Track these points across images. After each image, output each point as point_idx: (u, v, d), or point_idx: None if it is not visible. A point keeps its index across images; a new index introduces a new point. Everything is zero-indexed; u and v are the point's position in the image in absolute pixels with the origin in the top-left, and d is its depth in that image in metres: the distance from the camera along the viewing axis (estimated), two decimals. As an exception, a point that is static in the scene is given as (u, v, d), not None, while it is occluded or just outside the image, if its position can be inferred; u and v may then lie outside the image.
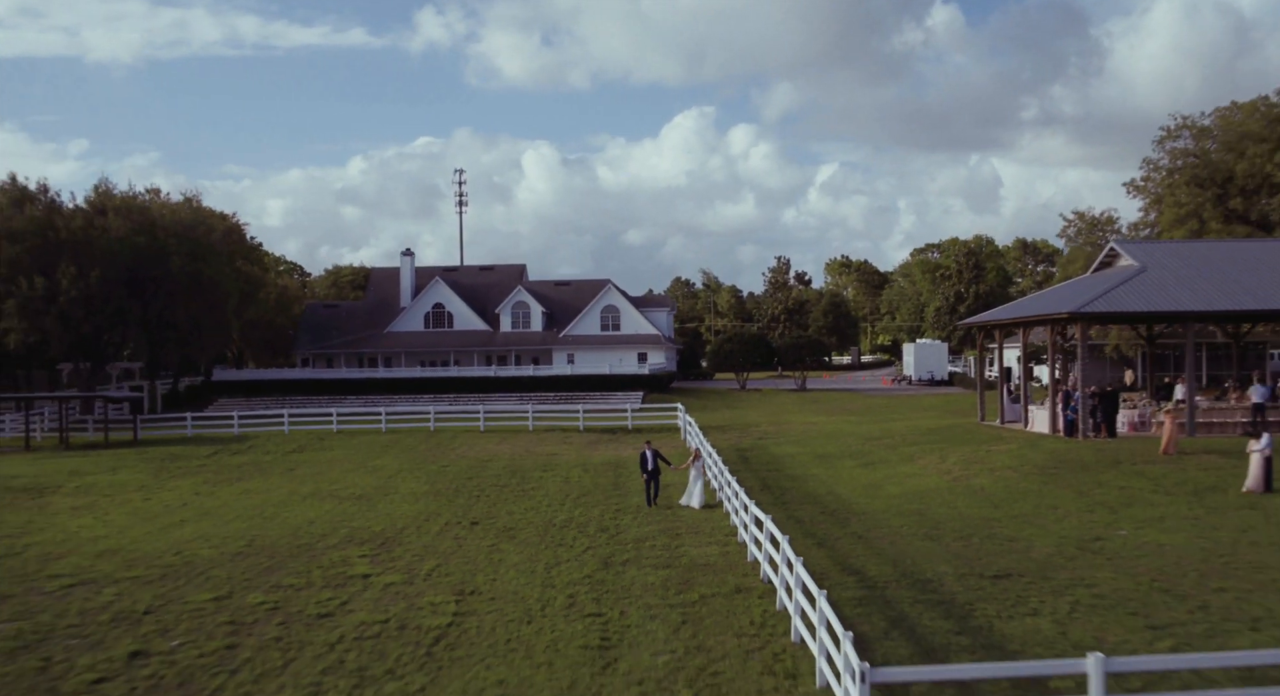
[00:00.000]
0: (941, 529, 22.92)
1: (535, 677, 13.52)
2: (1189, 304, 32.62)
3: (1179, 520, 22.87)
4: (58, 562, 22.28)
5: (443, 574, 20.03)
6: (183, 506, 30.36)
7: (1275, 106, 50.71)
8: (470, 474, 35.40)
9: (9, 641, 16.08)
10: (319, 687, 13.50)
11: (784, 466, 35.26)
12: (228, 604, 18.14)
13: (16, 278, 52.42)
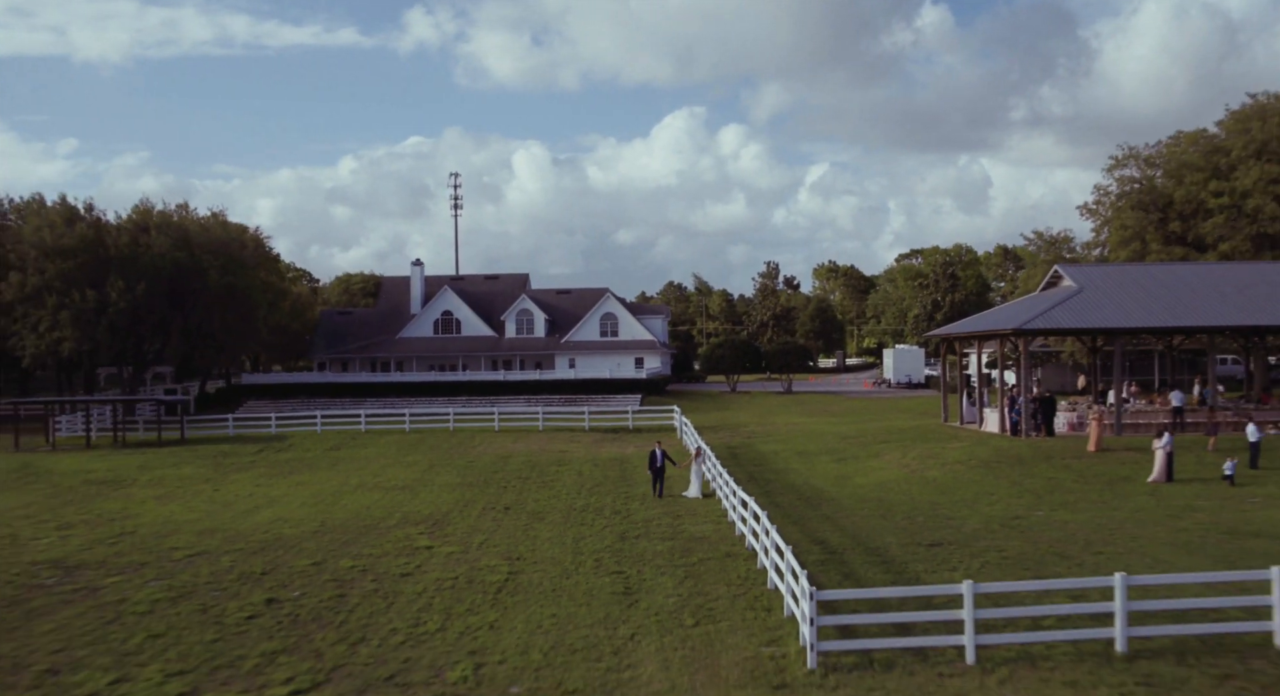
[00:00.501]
0: (894, 511, 27.75)
1: (578, 612, 18.27)
2: (1115, 321, 37.57)
3: (1088, 504, 27.72)
4: (170, 539, 26.94)
5: (490, 545, 24.77)
6: (250, 496, 35.00)
7: (1213, 138, 55.74)
8: (494, 468, 40.14)
9: (167, 593, 20.76)
10: (419, 620, 18.20)
11: (768, 462, 40.04)
12: (325, 567, 22.85)
13: (70, 291, 56.99)
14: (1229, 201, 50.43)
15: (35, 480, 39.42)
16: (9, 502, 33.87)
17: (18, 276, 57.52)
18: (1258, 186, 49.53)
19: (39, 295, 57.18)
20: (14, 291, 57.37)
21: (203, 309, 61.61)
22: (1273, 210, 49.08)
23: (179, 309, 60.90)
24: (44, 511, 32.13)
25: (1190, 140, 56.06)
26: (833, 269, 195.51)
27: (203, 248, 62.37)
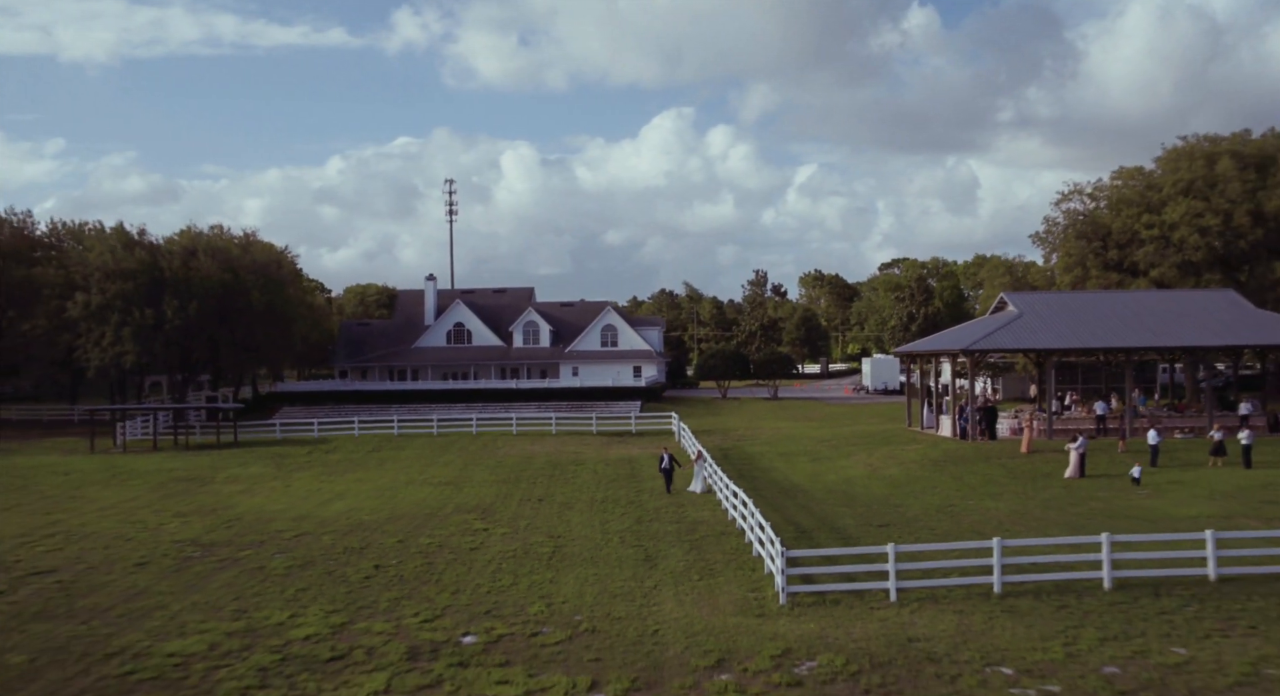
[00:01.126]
0: (855, 501, 34.06)
1: (613, 572, 24.49)
2: (1048, 342, 43.98)
3: (1011, 495, 34.06)
4: (271, 524, 33.03)
5: (534, 527, 30.98)
6: (318, 491, 41.08)
7: (1149, 175, 62.24)
8: (521, 467, 46.33)
9: (294, 562, 26.88)
10: (495, 578, 24.37)
11: (755, 462, 46.29)
12: (408, 544, 29.01)
13: (130, 309, 63.00)
14: (1159, 232, 56.94)
15: (129, 478, 45.42)
16: (119, 497, 39.90)
17: (83, 296, 63.55)
18: (1184, 220, 56.02)
19: (102, 313, 63.20)
20: (80, 309, 63.38)
21: (246, 325, 67.69)
22: (1195, 241, 55.57)
23: (226, 325, 66.95)
24: (153, 503, 38.17)
25: (1128, 176, 62.59)
26: (818, 277, 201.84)
27: (245, 269, 68.49)
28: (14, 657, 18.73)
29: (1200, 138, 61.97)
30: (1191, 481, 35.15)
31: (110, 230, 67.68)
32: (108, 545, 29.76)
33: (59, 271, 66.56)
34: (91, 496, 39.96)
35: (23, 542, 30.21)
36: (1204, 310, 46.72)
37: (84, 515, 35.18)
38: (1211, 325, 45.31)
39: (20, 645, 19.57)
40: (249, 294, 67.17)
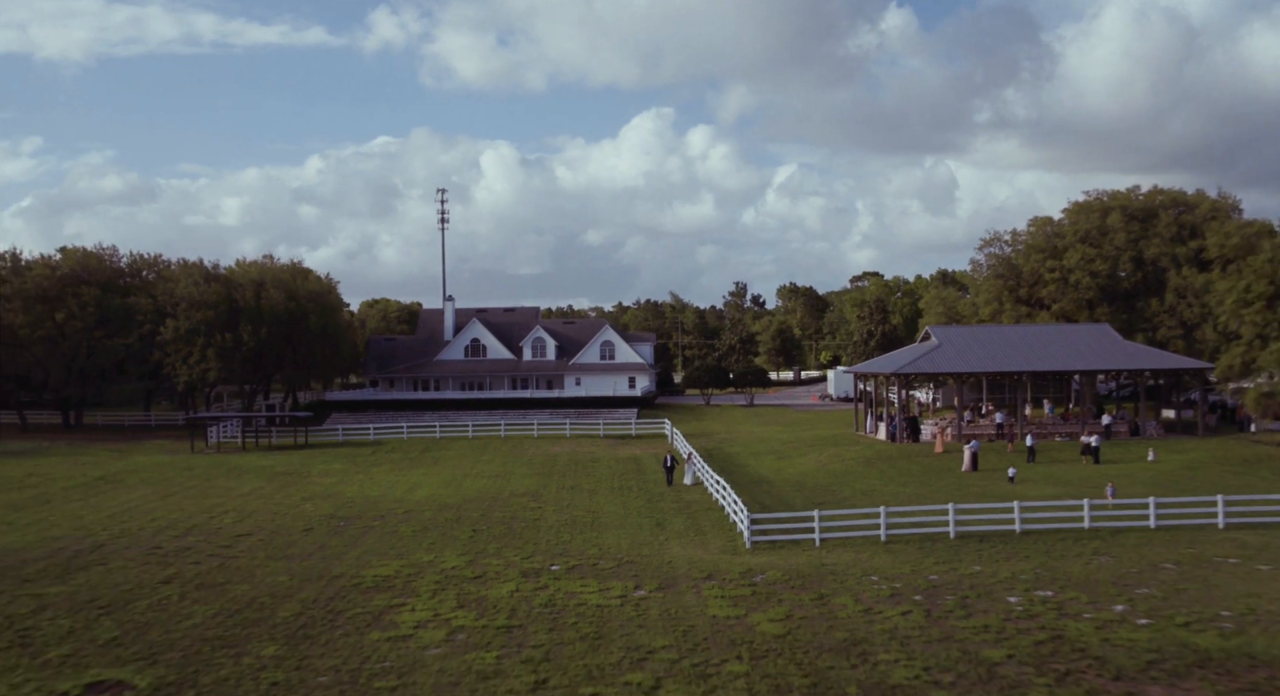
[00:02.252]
0: (804, 487, 45.93)
1: (636, 532, 36.21)
2: (957, 367, 55.99)
3: (918, 483, 45.96)
4: (379, 506, 44.54)
5: (574, 506, 42.68)
6: (397, 482, 52.52)
7: (1058, 224, 74.44)
8: (550, 463, 58.00)
9: (416, 527, 38.43)
10: (557, 535, 36.00)
11: (732, 459, 58.05)
12: (488, 516, 40.63)
13: (213, 333, 74.31)
14: (1059, 274, 69.06)
15: (242, 473, 56.76)
16: (247, 486, 51.28)
17: (173, 322, 74.81)
18: (1079, 264, 68.14)
19: (190, 336, 74.46)
20: (170, 333, 74.65)
21: (306, 344, 79.09)
22: (1088, 282, 67.67)
23: (290, 345, 78.33)
24: (276, 491, 49.56)
25: (1040, 225, 74.81)
26: (794, 289, 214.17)
27: (304, 298, 79.89)
28: (280, 579, 30.32)
29: (1100, 192, 74.31)
30: (1053, 475, 47.12)
31: (191, 264, 79.10)
32: (272, 518, 41.29)
33: (149, 300, 77.76)
34: (224, 486, 51.33)
35: (209, 518, 41.69)
36: (1082, 341, 58.88)
37: (233, 499, 46.63)
38: (1085, 353, 57.47)
39: (277, 572, 31.17)
40: (308, 319, 78.60)
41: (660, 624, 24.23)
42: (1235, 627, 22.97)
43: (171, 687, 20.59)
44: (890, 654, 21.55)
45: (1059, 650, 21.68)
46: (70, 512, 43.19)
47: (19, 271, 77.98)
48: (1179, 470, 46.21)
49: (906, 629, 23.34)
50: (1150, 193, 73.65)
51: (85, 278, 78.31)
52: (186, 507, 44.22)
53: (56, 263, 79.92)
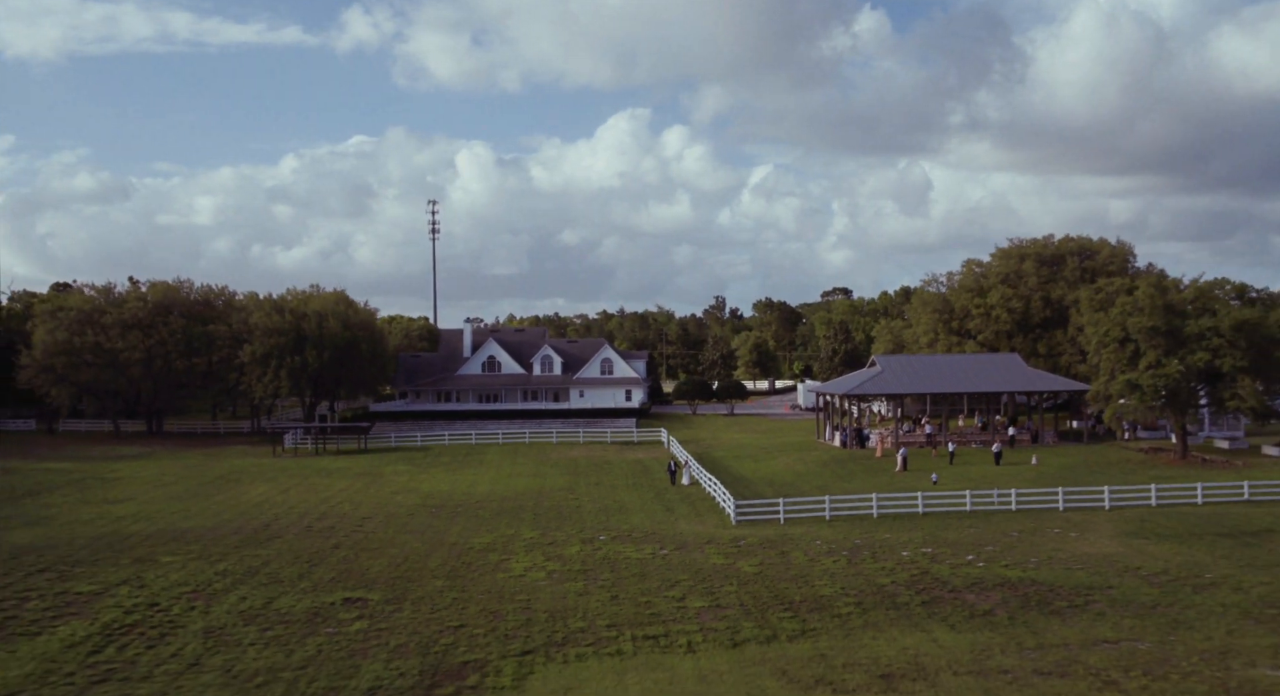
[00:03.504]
0: (774, 483, 59.52)
1: (653, 515, 49.62)
2: (894, 389, 69.67)
3: (860, 480, 59.52)
4: (453, 497, 57.66)
5: (602, 498, 56.00)
6: (457, 479, 65.61)
7: (987, 266, 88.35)
8: (573, 465, 71.23)
9: (488, 513, 51.68)
10: (597, 517, 49.35)
11: (718, 462, 71.38)
12: (540, 505, 53.89)
13: (284, 357, 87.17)
14: (983, 310, 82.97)
15: (328, 473, 69.62)
16: (340, 484, 64.17)
17: (249, 348, 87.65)
18: (999, 302, 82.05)
19: (264, 359, 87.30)
20: (248, 356, 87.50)
21: (359, 366, 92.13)
22: (1005, 317, 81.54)
23: (345, 366, 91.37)
24: (363, 488, 62.52)
25: (972, 266, 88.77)
26: (769, 303, 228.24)
27: (357, 327, 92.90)
28: (415, 545, 43.52)
29: (1020, 240, 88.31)
30: (964, 474, 60.73)
31: (262, 298, 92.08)
32: (378, 507, 54.41)
33: (225, 328, 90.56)
34: (322, 483, 64.28)
35: (331, 507, 54.71)
36: (995, 367, 72.71)
37: (337, 493, 59.64)
38: (996, 378, 71.33)
39: (410, 541, 44.37)
40: (360, 345, 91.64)
41: (680, 568, 37.70)
42: (1033, 567, 36.62)
43: (393, 601, 33.83)
44: (823, 581, 35.07)
45: (923, 579, 35.26)
46: (221, 503, 56.21)
47: (116, 303, 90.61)
48: (1057, 470, 59.98)
49: (834, 569, 36.88)
50: (1061, 241, 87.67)
51: (170, 307, 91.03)
52: (307, 499, 57.28)
53: (145, 295, 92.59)
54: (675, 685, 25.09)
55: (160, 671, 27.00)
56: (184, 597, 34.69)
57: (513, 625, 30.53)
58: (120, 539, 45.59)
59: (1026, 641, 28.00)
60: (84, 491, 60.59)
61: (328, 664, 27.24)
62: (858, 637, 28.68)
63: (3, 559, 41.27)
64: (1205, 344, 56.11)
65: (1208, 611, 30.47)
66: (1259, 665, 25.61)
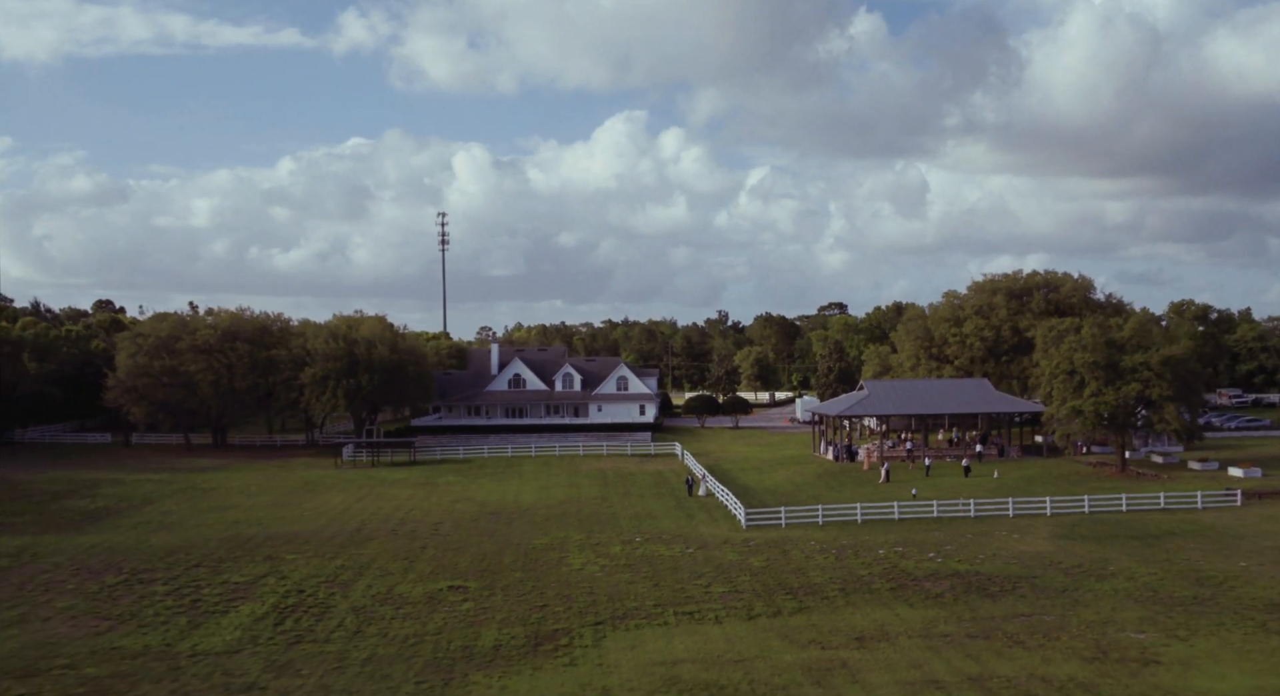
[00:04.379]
0: (777, 493, 69.21)
1: (676, 521, 59.32)
2: (880, 411, 79.37)
3: (849, 490, 69.21)
4: (505, 506, 67.33)
5: (632, 506, 65.68)
6: (504, 489, 75.15)
7: (964, 298, 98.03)
8: (601, 477, 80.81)
9: (541, 517, 61.38)
10: (631, 522, 58.99)
11: (728, 474, 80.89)
12: (581, 511, 63.54)
13: (340, 380, 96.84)
14: (959, 338, 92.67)
15: (391, 483, 79.17)
16: (405, 493, 73.76)
17: (309, 370, 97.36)
18: (973, 331, 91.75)
19: (323, 381, 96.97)
20: (309, 378, 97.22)
21: (404, 386, 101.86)
22: (979, 344, 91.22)
23: (393, 387, 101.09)
24: (430, 496, 72.09)
25: (950, 298, 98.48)
26: (769, 318, 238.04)
27: (403, 352, 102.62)
28: (487, 545, 53.22)
29: (995, 276, 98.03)
30: (937, 485, 70.37)
31: (320, 325, 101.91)
32: (445, 514, 64.07)
33: (286, 352, 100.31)
34: (390, 493, 73.86)
35: (406, 513, 64.33)
36: (967, 391, 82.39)
37: (406, 501, 69.22)
38: (967, 400, 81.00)
39: (482, 542, 54.06)
40: (406, 368, 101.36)
41: (703, 562, 47.40)
42: (979, 561, 46.32)
43: (487, 589, 43.52)
44: (815, 573, 44.77)
45: (892, 571, 44.95)
46: (311, 510, 65.84)
47: (189, 330, 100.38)
48: (1014, 481, 69.65)
49: (825, 563, 46.58)
50: (1029, 275, 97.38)
51: (236, 333, 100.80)
52: (382, 507, 66.93)
53: (215, 322, 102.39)
54: (708, 644, 34.78)
55: (334, 636, 36.73)
56: (321, 586, 44.38)
57: (583, 604, 40.25)
58: (243, 540, 55.27)
59: (964, 615, 37.73)
60: (190, 500, 70.26)
61: (455, 631, 36.97)
62: (841, 613, 38.41)
63: (162, 556, 51.00)
64: (1138, 376, 65.73)
65: (1101, 594, 40.22)
66: (1126, 630, 35.30)
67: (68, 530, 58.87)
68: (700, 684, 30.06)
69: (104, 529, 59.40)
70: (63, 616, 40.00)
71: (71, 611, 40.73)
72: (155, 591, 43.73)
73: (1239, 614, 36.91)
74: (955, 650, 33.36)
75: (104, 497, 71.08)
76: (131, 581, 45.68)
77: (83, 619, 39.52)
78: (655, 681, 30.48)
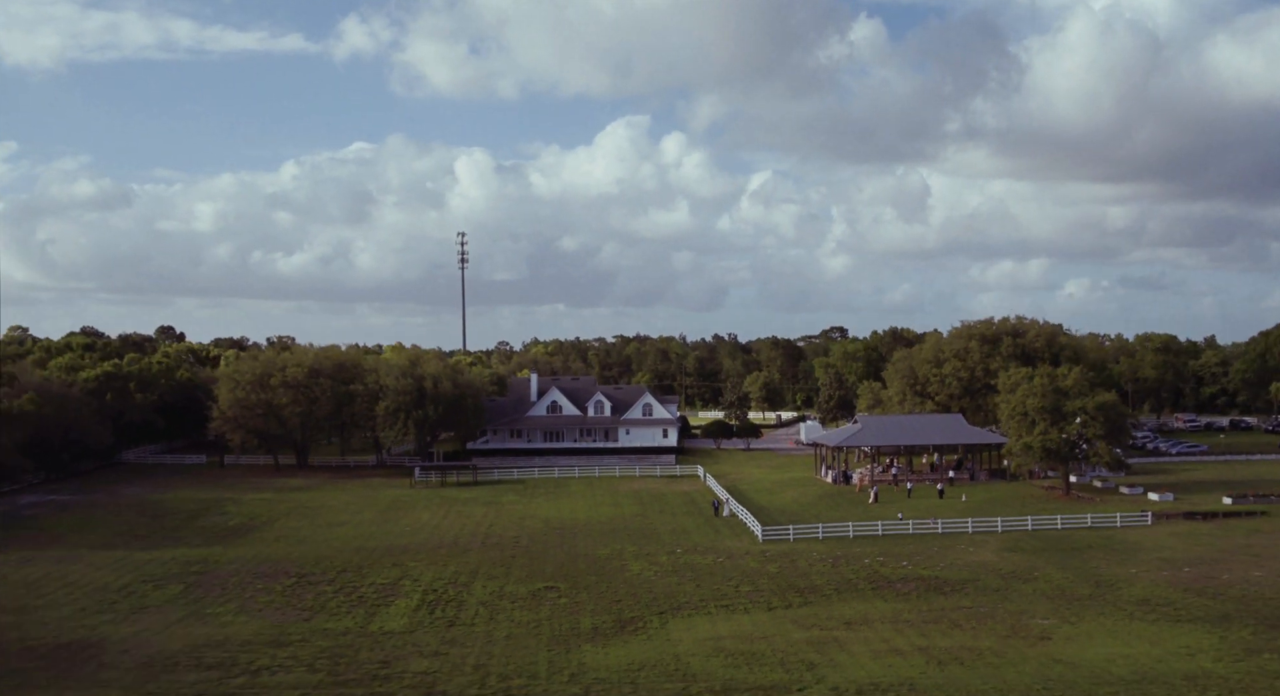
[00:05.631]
0: (786, 512, 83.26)
1: (706, 536, 73.36)
2: (872, 442, 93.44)
3: (845, 509, 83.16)
4: (564, 522, 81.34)
5: (668, 523, 79.74)
6: (559, 508, 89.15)
7: (946, 342, 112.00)
8: (638, 497, 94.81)
9: (601, 532, 75.49)
10: (670, 536, 73.13)
11: (744, 495, 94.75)
12: (629, 527, 77.58)
13: (410, 411, 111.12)
14: (939, 378, 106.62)
15: (465, 502, 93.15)
16: (479, 511, 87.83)
17: (383, 403, 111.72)
18: (951, 372, 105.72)
19: (395, 413, 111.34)
20: (383, 410, 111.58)
21: (464, 416, 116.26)
22: (955, 383, 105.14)
23: (454, 417, 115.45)
24: (500, 514, 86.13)
25: (933, 339, 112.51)
26: (775, 342, 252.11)
27: (464, 386, 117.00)
28: (560, 555, 67.35)
29: (972, 322, 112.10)
30: (916, 506, 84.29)
31: (392, 364, 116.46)
32: (519, 530, 78.14)
33: (363, 387, 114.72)
34: (466, 511, 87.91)
35: (487, 528, 78.48)
36: (944, 424, 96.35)
37: (483, 518, 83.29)
38: (944, 432, 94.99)
39: (557, 552, 68.20)
40: (465, 400, 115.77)
41: (732, 568, 61.50)
42: (940, 569, 60.32)
43: (574, 589, 57.64)
44: (816, 576, 58.84)
45: (874, 576, 59.04)
46: (409, 525, 79.99)
47: (279, 367, 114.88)
48: (979, 502, 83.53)
49: (824, 570, 60.67)
50: (1000, 322, 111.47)
51: (320, 371, 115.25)
52: (465, 523, 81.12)
53: (301, 361, 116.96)
54: (741, 627, 48.87)
55: (475, 621, 50.89)
56: (448, 586, 58.54)
57: (647, 600, 54.40)
58: (369, 551, 69.44)
59: (922, 607, 51.81)
60: (307, 518, 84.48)
61: (560, 618, 51.16)
62: (834, 606, 52.52)
63: (312, 564, 65.20)
64: (1078, 418, 79.74)
65: (1024, 593, 54.31)
66: (1035, 618, 49.29)
67: (224, 543, 73.13)
68: (739, 651, 44.20)
69: (252, 542, 73.59)
70: (270, 608, 54.20)
71: (274, 604, 54.93)
72: (325, 590, 57.92)
73: (1117, 606, 50.96)
74: (913, 631, 47.40)
75: (234, 516, 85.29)
76: (302, 583, 59.85)
77: (287, 609, 53.74)
78: (708, 649, 44.64)
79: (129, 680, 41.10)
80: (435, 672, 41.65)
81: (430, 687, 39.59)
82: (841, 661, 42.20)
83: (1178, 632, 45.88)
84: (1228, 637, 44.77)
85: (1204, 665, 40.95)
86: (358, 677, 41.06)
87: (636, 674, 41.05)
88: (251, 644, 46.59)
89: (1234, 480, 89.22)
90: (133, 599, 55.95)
